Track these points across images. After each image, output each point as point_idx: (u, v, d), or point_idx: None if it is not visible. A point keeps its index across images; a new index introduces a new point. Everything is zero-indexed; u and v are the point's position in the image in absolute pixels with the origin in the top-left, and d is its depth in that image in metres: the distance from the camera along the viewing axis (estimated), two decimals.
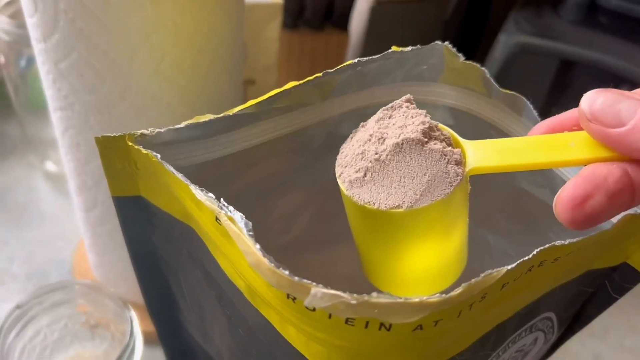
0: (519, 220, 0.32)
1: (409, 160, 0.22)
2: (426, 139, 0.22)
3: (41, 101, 0.56)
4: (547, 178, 0.29)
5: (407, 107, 0.24)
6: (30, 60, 0.53)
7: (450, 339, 0.22)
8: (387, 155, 0.22)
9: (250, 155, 0.28)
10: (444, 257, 0.24)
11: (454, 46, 0.28)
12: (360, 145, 0.23)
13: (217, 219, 0.21)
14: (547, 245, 0.21)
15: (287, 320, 0.21)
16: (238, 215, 0.20)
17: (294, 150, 0.30)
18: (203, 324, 0.30)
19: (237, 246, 0.21)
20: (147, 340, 0.38)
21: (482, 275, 0.19)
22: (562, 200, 0.20)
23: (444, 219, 0.23)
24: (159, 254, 0.29)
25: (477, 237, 0.28)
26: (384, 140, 0.23)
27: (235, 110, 0.25)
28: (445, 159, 0.22)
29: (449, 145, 0.23)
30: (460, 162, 0.22)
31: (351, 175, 0.23)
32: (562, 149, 0.21)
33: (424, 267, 0.24)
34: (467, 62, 0.28)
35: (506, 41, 0.53)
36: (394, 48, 0.27)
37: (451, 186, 0.22)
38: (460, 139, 0.24)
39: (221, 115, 0.24)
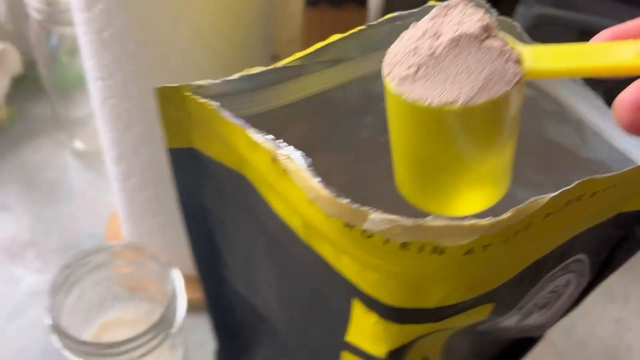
0: (548, 172, 0.33)
1: (466, 55, 0.21)
2: (485, 35, 0.21)
3: (70, 81, 0.58)
4: (577, 129, 0.30)
5: (465, 5, 0.23)
6: (60, 40, 0.54)
7: (496, 267, 0.23)
8: (442, 50, 0.21)
9: (293, 110, 0.29)
10: (492, 169, 0.23)
11: None
12: (412, 42, 0.22)
13: (274, 159, 0.23)
14: (586, 178, 0.22)
15: (343, 251, 0.23)
16: (296, 153, 0.22)
17: (333, 107, 0.31)
18: (250, 275, 0.31)
19: (295, 184, 0.22)
20: (190, 308, 0.39)
21: (528, 201, 0.21)
22: (623, 102, 0.20)
23: (499, 121, 0.22)
24: (208, 207, 0.30)
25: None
26: (439, 36, 0.22)
27: (283, 63, 0.26)
28: (504, 56, 0.21)
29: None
30: (518, 61, 0.22)
31: (401, 72, 0.22)
32: (624, 55, 0.21)
33: (470, 179, 0.23)
34: (500, 17, 0.29)
35: (525, 13, 0.54)
36: (431, 2, 0.28)
37: (510, 84, 0.21)
38: (516, 42, 0.22)
39: (270, 67, 0.26)
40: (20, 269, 0.51)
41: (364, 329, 0.25)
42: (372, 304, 0.23)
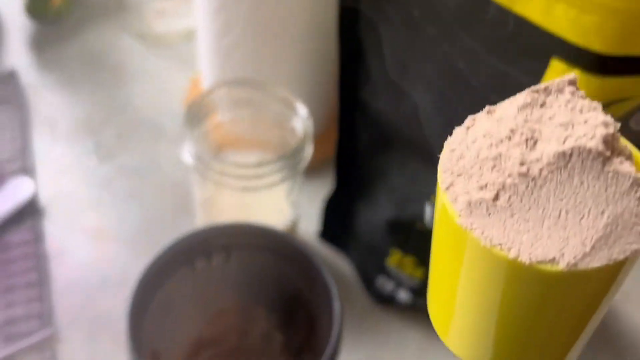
0: None
1: (579, 184, 0.14)
2: (609, 153, 0.15)
3: None
4: None
5: (572, 92, 0.16)
6: None
7: None
8: (542, 170, 0.15)
9: None
10: (575, 342, 0.17)
11: None
12: (491, 145, 0.15)
13: None
14: None
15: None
16: None
17: None
18: (399, 84, 0.32)
19: None
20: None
21: None
22: None
23: (609, 288, 0.16)
24: (366, 13, 0.30)
25: None
26: (536, 142, 0.15)
27: None
28: (637, 191, 0.14)
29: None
30: None
31: (472, 192, 0.15)
32: None
33: (525, 348, 0.17)
34: None
35: None
36: None
37: None
38: None
39: None
40: (101, 144, 0.51)
41: None
42: (578, 57, 0.24)
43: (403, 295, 0.42)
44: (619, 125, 0.15)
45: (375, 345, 0.42)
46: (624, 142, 0.16)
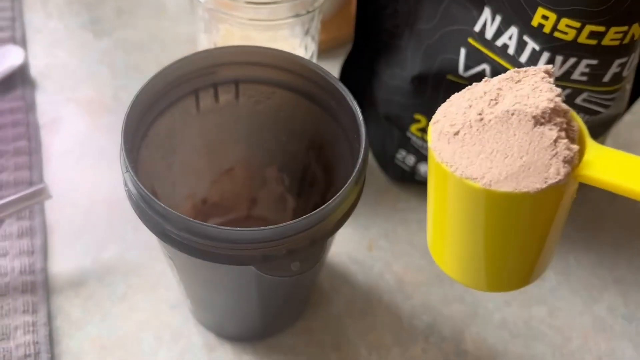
0: None
1: (512, 135, 0.20)
2: (543, 120, 0.20)
3: None
4: None
5: (543, 78, 0.21)
6: None
7: None
8: (491, 119, 0.20)
9: None
10: (514, 258, 0.22)
11: None
12: (469, 99, 0.21)
13: None
14: None
15: None
16: None
17: None
18: None
19: None
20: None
21: None
22: None
23: (526, 215, 0.21)
24: None
25: None
26: (497, 102, 0.21)
27: None
28: (553, 150, 0.20)
29: (570, 139, 0.20)
30: (569, 161, 0.20)
31: (445, 127, 0.21)
32: None
33: (489, 259, 0.22)
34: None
35: None
36: None
37: (545, 183, 0.20)
38: (588, 138, 0.21)
39: None
40: (99, 19, 0.47)
41: None
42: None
43: (425, 169, 0.38)
44: (566, 107, 0.21)
45: (391, 222, 0.38)
46: (577, 121, 0.21)
